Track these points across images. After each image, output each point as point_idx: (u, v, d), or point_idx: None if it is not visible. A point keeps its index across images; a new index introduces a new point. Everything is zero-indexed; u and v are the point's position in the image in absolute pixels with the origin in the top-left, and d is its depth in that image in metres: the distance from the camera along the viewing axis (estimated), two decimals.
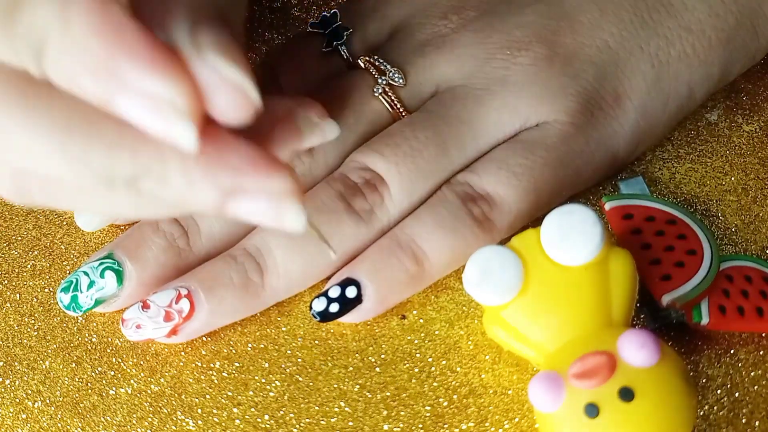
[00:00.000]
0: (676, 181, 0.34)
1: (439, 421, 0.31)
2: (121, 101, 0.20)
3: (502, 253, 0.28)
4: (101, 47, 0.20)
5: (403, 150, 0.32)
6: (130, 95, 0.20)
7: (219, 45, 0.21)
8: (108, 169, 0.22)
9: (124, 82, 0.20)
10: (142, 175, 0.22)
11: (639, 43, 0.33)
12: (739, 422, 0.29)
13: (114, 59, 0.20)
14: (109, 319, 0.34)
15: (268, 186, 0.23)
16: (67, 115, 0.22)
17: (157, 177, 0.22)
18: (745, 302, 0.30)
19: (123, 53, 0.20)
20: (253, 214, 0.23)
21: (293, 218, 0.23)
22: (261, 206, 0.23)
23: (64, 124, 0.22)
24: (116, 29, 0.20)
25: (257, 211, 0.23)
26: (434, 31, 0.35)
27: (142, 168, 0.22)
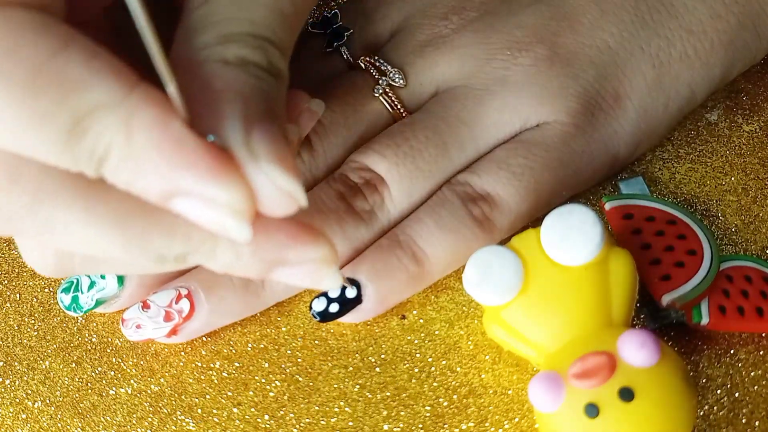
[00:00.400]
0: (676, 181, 0.34)
1: (439, 421, 0.31)
2: (180, 203, 0.21)
3: (502, 253, 0.28)
4: (163, 160, 0.21)
5: (404, 150, 0.32)
6: (189, 199, 0.21)
7: (272, 151, 0.22)
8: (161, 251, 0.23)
9: (184, 189, 0.21)
10: (193, 252, 0.24)
11: (640, 44, 0.33)
12: (739, 422, 0.29)
13: (175, 171, 0.21)
14: (109, 319, 0.34)
15: (310, 257, 0.24)
16: (124, 208, 0.23)
17: (206, 254, 0.24)
18: (745, 302, 0.30)
19: (183, 165, 0.21)
20: (294, 279, 0.25)
21: (330, 282, 0.25)
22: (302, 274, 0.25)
23: (121, 217, 0.23)
24: (177, 143, 0.21)
25: (298, 278, 0.25)
26: (435, 31, 0.35)
27: (194, 247, 0.24)
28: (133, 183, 0.22)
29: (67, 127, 0.20)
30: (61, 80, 0.20)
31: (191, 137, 0.21)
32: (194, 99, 0.22)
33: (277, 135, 0.22)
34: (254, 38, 0.24)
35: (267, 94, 0.24)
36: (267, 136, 0.22)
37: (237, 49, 0.24)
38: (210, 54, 0.24)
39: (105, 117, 0.20)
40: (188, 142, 0.21)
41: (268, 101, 0.24)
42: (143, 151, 0.21)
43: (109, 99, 0.20)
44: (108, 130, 0.21)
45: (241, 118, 0.22)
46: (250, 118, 0.22)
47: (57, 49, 0.20)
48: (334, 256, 0.25)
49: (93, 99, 0.20)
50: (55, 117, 0.20)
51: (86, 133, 0.21)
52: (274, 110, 0.24)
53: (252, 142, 0.22)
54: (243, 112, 0.22)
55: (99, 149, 0.21)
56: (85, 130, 0.21)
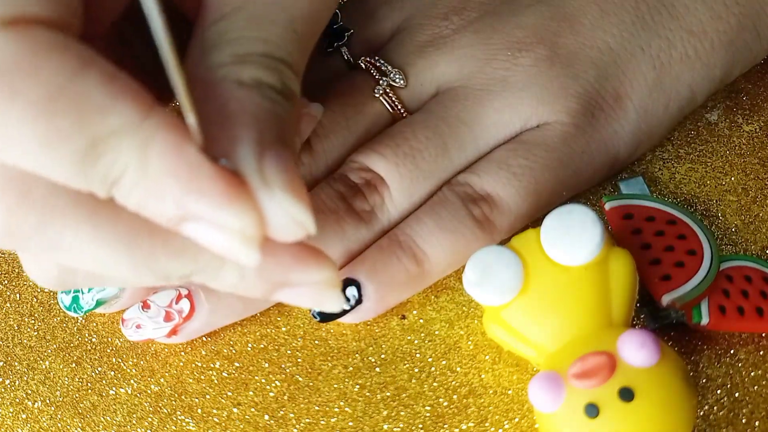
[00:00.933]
0: (676, 181, 0.34)
1: (439, 421, 0.31)
2: (191, 227, 0.22)
3: (502, 253, 0.28)
4: (176, 185, 0.21)
5: (404, 150, 0.32)
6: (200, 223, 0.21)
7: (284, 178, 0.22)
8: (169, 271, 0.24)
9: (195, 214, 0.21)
10: (200, 271, 0.24)
11: (640, 45, 0.33)
12: (739, 422, 0.29)
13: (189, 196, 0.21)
14: (109, 319, 0.34)
15: (313, 279, 0.24)
16: (133, 229, 0.23)
17: (212, 274, 0.24)
18: (745, 302, 0.30)
19: (197, 191, 0.21)
20: (297, 300, 0.25)
21: (332, 303, 0.25)
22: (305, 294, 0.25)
23: (129, 238, 0.23)
24: (191, 169, 0.21)
25: (301, 299, 0.25)
26: (435, 32, 0.35)
27: (200, 268, 0.24)
28: (144, 206, 0.22)
29: (83, 150, 0.20)
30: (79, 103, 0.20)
31: (206, 163, 0.21)
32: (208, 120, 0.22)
33: (289, 161, 0.22)
34: (269, 59, 0.24)
35: (280, 118, 0.24)
36: (279, 162, 0.22)
37: (252, 70, 0.24)
38: (225, 74, 0.23)
39: (122, 141, 0.20)
40: (203, 168, 0.21)
41: (282, 125, 0.24)
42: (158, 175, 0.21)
43: (126, 123, 0.20)
44: (124, 154, 0.21)
45: (254, 143, 0.22)
46: (264, 143, 0.22)
47: (76, 70, 0.20)
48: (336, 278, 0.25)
49: (111, 123, 0.20)
50: (72, 139, 0.20)
51: (102, 157, 0.21)
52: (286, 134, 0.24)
53: (264, 169, 0.22)
54: (257, 137, 0.22)
55: (113, 173, 0.21)
56: (101, 153, 0.20)
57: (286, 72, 0.25)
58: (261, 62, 0.24)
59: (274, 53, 0.24)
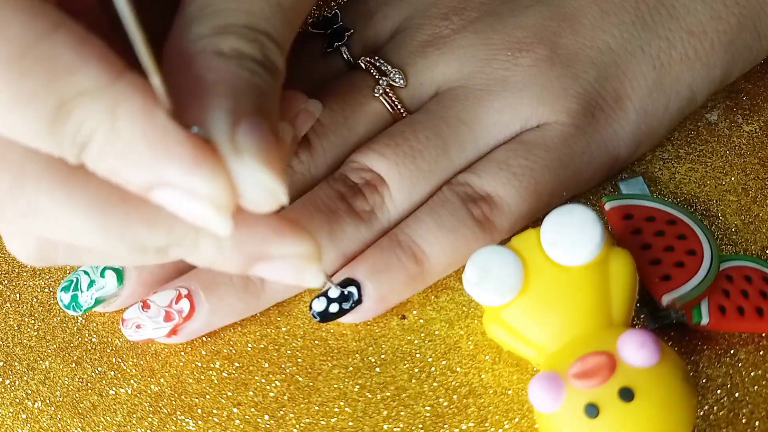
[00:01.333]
0: (676, 181, 0.34)
1: (439, 421, 0.31)
2: (161, 193, 0.22)
3: (502, 253, 0.28)
4: (146, 149, 0.21)
5: (404, 150, 0.32)
6: (169, 189, 0.21)
7: (257, 146, 0.22)
8: (143, 242, 0.24)
9: (166, 179, 0.21)
10: (175, 244, 0.24)
11: (640, 45, 0.33)
12: (739, 422, 0.29)
13: (157, 160, 0.21)
14: (109, 319, 0.34)
15: (292, 252, 0.24)
16: (105, 196, 0.23)
17: (188, 247, 0.24)
18: (745, 302, 0.30)
19: (165, 155, 0.21)
20: (276, 275, 0.25)
21: (312, 278, 0.25)
22: (284, 268, 0.25)
23: (102, 205, 0.23)
24: (160, 133, 0.21)
25: (280, 273, 0.25)
26: (435, 32, 0.35)
27: (176, 239, 0.24)
28: (114, 172, 0.22)
29: (51, 110, 0.20)
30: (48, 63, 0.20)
31: (175, 128, 0.21)
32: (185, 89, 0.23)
33: (264, 131, 0.23)
34: (251, 30, 0.24)
35: (259, 89, 0.24)
36: (254, 131, 0.22)
37: (233, 41, 0.24)
38: (205, 45, 0.24)
39: (90, 103, 0.21)
40: (172, 133, 0.21)
41: (260, 96, 0.24)
42: (126, 139, 0.21)
43: (94, 85, 0.21)
44: (92, 115, 0.21)
45: (228, 111, 0.22)
46: (239, 112, 0.22)
47: (46, 31, 0.20)
48: (316, 252, 0.25)
49: (79, 84, 0.20)
50: (40, 99, 0.20)
51: (70, 117, 0.21)
52: (265, 105, 0.24)
53: (237, 137, 0.22)
54: (231, 106, 0.22)
55: (82, 134, 0.21)
56: (69, 113, 0.21)
57: (268, 44, 0.25)
58: (242, 33, 0.24)
59: (256, 25, 0.24)
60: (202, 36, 0.24)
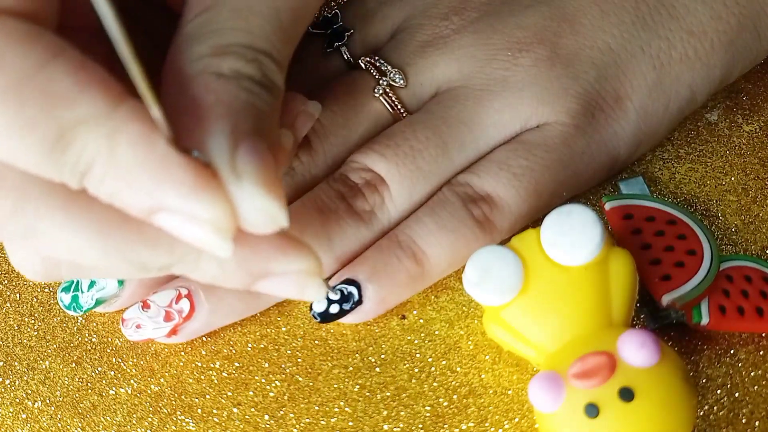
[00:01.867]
0: (676, 181, 0.34)
1: (439, 421, 0.31)
2: (162, 217, 0.22)
3: (502, 253, 0.28)
4: (146, 176, 0.21)
5: (404, 150, 0.32)
6: (171, 214, 0.21)
7: (256, 170, 0.22)
8: (144, 261, 0.24)
9: (166, 204, 0.21)
10: (177, 263, 0.24)
11: (640, 45, 0.33)
12: (739, 422, 0.29)
13: (158, 187, 0.21)
14: (109, 319, 0.34)
15: (294, 268, 0.24)
16: (107, 218, 0.23)
17: (190, 265, 0.24)
18: (745, 302, 0.30)
19: (166, 182, 0.21)
20: (279, 290, 0.25)
21: (314, 293, 0.25)
22: (286, 284, 0.25)
23: (103, 227, 0.23)
24: (161, 160, 0.21)
25: (282, 288, 0.25)
26: (435, 32, 0.35)
27: (177, 259, 0.24)
28: (115, 197, 0.22)
29: (51, 139, 0.21)
30: (47, 92, 0.20)
31: (175, 154, 0.21)
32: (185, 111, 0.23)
33: (263, 153, 0.23)
34: (250, 50, 0.24)
35: (259, 110, 0.24)
36: (253, 154, 0.22)
37: (232, 61, 0.24)
38: (205, 65, 0.24)
39: (90, 131, 0.21)
40: (172, 159, 0.21)
41: (259, 117, 0.24)
42: (127, 166, 0.21)
43: (94, 113, 0.21)
44: (92, 144, 0.21)
45: (228, 135, 0.22)
46: (238, 135, 0.22)
47: (46, 59, 0.21)
48: (318, 267, 0.25)
49: (78, 112, 0.21)
50: (40, 128, 0.20)
51: (70, 146, 0.21)
52: (264, 127, 0.24)
53: (237, 160, 0.22)
54: (231, 129, 0.22)
55: (82, 162, 0.21)
56: (69, 142, 0.21)
57: (267, 63, 0.25)
58: (242, 53, 0.24)
59: (256, 44, 0.24)
60: (201, 56, 0.24)
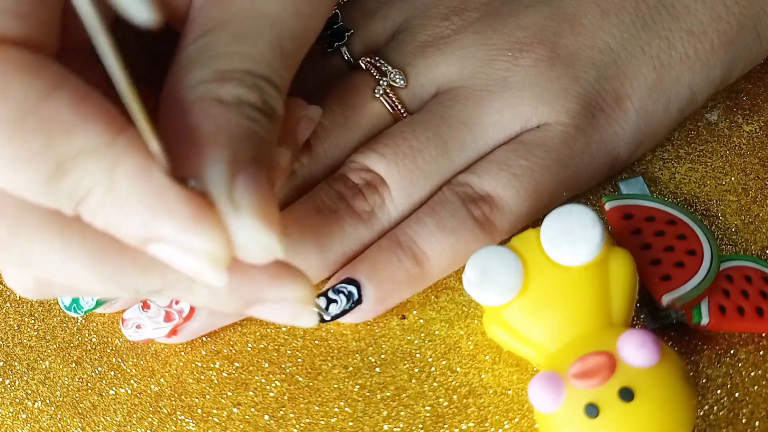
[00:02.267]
0: (676, 181, 0.34)
1: (439, 421, 0.31)
2: (157, 248, 0.22)
3: (502, 253, 0.28)
4: (142, 207, 0.21)
5: (404, 151, 0.32)
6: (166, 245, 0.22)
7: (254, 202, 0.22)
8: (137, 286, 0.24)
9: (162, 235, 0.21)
10: (170, 288, 0.24)
11: (640, 45, 0.33)
12: (739, 422, 0.29)
13: (154, 218, 0.21)
14: (109, 319, 0.34)
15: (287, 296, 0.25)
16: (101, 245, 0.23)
17: (183, 290, 0.24)
18: (745, 302, 0.30)
19: (163, 214, 0.21)
20: (272, 316, 0.25)
21: (307, 319, 0.25)
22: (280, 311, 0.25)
23: (97, 254, 0.23)
24: (158, 192, 0.21)
25: (275, 315, 0.25)
26: (435, 32, 0.35)
27: (170, 284, 0.24)
28: (111, 226, 0.22)
29: (50, 169, 0.21)
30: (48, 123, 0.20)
31: (173, 186, 0.21)
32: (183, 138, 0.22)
33: (262, 183, 0.22)
34: (251, 76, 0.24)
35: (258, 138, 0.24)
36: (251, 185, 0.22)
37: (232, 88, 0.24)
38: (205, 91, 0.23)
39: (88, 162, 0.21)
40: (169, 191, 0.21)
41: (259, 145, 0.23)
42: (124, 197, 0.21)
43: (94, 145, 0.21)
44: (90, 174, 0.21)
45: (227, 164, 0.22)
46: (237, 164, 0.22)
47: (47, 91, 0.21)
48: (311, 295, 0.25)
49: (78, 144, 0.21)
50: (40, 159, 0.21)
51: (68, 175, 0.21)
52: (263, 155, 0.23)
53: (235, 191, 0.22)
54: (229, 157, 0.22)
55: (79, 191, 0.21)
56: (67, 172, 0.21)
57: (268, 90, 0.24)
58: (242, 79, 0.24)
59: (257, 70, 0.24)
60: (201, 81, 0.24)
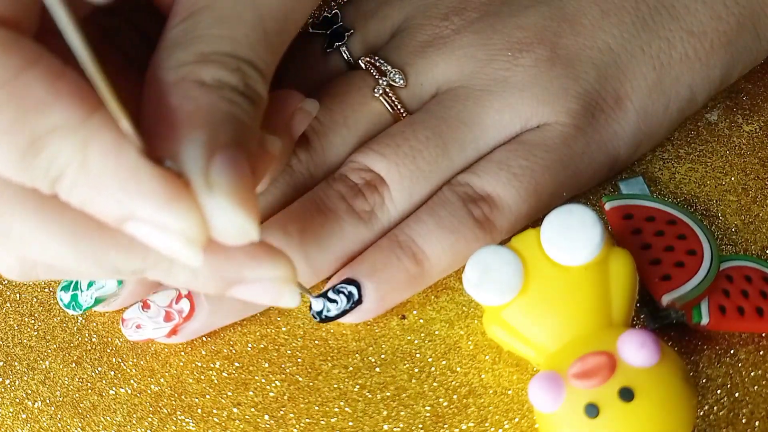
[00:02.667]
0: (676, 181, 0.34)
1: (439, 421, 0.31)
2: (132, 226, 0.22)
3: (502, 253, 0.28)
4: (117, 186, 0.21)
5: (404, 150, 0.32)
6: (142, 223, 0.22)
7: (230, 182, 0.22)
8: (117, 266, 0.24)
9: (137, 214, 0.21)
10: (150, 268, 0.24)
11: (640, 45, 0.33)
12: (739, 422, 0.29)
13: (128, 197, 0.21)
14: (109, 319, 0.34)
15: (267, 275, 0.25)
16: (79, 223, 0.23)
17: (163, 271, 0.24)
18: (745, 302, 0.30)
19: (137, 192, 0.21)
20: (254, 296, 0.25)
21: (288, 299, 0.26)
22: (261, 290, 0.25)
23: (75, 231, 0.23)
24: (132, 170, 0.21)
25: (257, 295, 0.25)
26: (435, 32, 0.35)
27: (151, 264, 0.24)
28: (86, 204, 0.22)
29: (23, 146, 0.21)
30: (21, 99, 0.21)
31: (146, 165, 0.21)
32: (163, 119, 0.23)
33: (240, 165, 0.22)
34: (233, 59, 0.24)
35: (238, 120, 0.24)
36: (228, 165, 0.22)
37: (214, 70, 0.24)
38: (186, 73, 0.24)
39: (61, 139, 0.21)
40: (143, 169, 0.21)
41: (238, 127, 0.23)
42: (97, 175, 0.21)
43: (66, 122, 0.21)
44: (64, 152, 0.21)
45: (203, 144, 0.22)
46: (214, 145, 0.22)
47: (22, 67, 0.21)
48: (292, 274, 0.25)
49: (51, 121, 0.21)
50: (13, 134, 0.21)
51: (42, 152, 0.21)
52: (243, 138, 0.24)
53: (210, 172, 0.22)
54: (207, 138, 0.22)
55: (54, 169, 0.21)
56: (41, 149, 0.21)
57: (250, 72, 0.25)
58: (224, 62, 0.24)
59: (239, 53, 0.24)
60: (183, 63, 0.24)
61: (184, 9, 0.25)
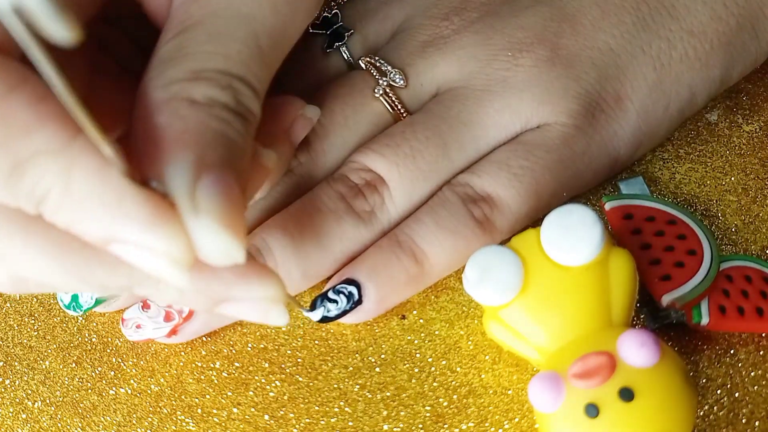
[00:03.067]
0: (676, 181, 0.34)
1: (439, 421, 0.31)
2: (117, 248, 0.22)
3: (502, 253, 0.28)
4: (101, 209, 0.21)
5: (404, 151, 0.32)
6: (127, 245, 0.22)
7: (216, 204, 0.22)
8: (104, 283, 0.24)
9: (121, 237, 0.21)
10: (137, 285, 0.24)
11: (641, 46, 0.33)
12: (739, 422, 0.29)
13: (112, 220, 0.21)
14: (109, 319, 0.34)
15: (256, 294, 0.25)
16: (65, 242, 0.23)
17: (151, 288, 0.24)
18: (745, 302, 0.30)
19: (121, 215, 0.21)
20: (241, 314, 0.25)
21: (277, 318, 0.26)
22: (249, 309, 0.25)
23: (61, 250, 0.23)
24: (115, 193, 0.21)
25: (245, 313, 0.25)
26: (435, 32, 0.35)
27: (138, 281, 0.24)
28: (71, 226, 0.22)
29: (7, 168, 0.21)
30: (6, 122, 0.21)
31: (130, 187, 0.21)
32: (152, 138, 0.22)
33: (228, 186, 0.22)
34: (225, 76, 0.24)
35: (230, 140, 0.23)
36: (214, 187, 0.22)
37: (205, 87, 0.23)
38: (177, 91, 0.23)
39: (45, 163, 0.21)
40: (126, 192, 0.21)
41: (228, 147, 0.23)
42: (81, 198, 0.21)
43: (50, 145, 0.21)
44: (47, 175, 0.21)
45: (191, 164, 0.22)
46: (202, 165, 0.22)
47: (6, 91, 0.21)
48: (281, 293, 0.25)
49: (35, 144, 0.21)
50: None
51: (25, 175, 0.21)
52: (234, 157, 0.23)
53: (197, 193, 0.22)
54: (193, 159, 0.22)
55: (38, 192, 0.21)
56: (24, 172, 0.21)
57: (242, 90, 0.24)
58: (216, 79, 0.24)
59: (232, 70, 0.24)
60: (174, 80, 0.23)
61: (177, 24, 0.25)
